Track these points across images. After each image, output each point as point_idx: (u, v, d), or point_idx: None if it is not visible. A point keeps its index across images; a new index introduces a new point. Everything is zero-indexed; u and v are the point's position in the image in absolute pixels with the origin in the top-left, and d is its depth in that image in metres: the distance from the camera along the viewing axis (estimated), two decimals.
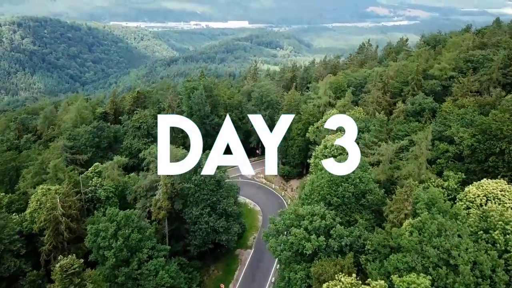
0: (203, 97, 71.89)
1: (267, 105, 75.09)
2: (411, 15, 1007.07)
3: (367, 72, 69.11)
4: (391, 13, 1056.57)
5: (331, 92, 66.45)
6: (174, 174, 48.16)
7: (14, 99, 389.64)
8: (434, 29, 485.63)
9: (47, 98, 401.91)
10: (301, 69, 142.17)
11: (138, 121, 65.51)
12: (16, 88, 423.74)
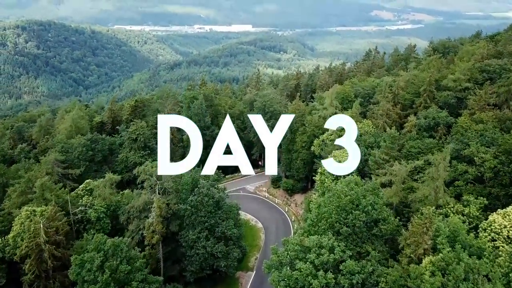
0: (203, 107, 68.74)
1: (270, 115, 71.72)
2: (415, 19, 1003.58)
3: (375, 82, 65.64)
4: (395, 17, 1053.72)
5: (337, 103, 62.98)
6: (170, 194, 45.04)
7: (17, 103, 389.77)
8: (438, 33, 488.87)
9: (50, 102, 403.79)
10: (306, 75, 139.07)
11: (135, 133, 62.36)
12: (20, 91, 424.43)
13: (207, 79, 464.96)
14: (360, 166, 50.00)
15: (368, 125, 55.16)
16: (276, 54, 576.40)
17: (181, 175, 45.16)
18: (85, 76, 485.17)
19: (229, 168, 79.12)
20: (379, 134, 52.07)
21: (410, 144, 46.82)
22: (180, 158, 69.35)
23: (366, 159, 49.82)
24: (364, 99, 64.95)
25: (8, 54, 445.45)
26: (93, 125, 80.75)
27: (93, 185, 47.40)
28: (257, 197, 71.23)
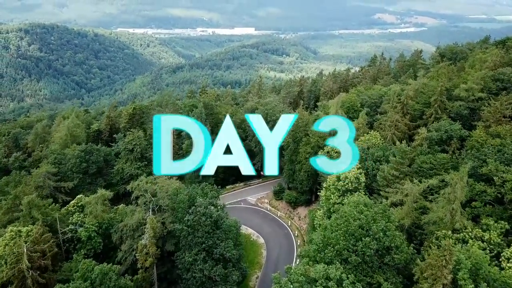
0: (203, 116, 66.05)
1: (273, 124, 68.65)
2: (418, 22, 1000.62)
3: (383, 90, 62.80)
4: (398, 20, 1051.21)
5: (343, 113, 60.13)
6: (165, 211, 42.31)
7: (19, 106, 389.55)
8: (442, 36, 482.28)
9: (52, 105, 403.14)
10: (309, 80, 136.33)
11: (131, 143, 59.75)
12: (22, 94, 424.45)
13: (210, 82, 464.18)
14: (368, 181, 47.22)
15: (376, 137, 52.28)
16: (279, 57, 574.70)
17: (177, 192, 42.43)
18: (87, 79, 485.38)
19: (229, 178, 76.40)
20: (388, 147, 49.19)
21: (422, 159, 43.88)
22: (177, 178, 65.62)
23: (375, 174, 46.96)
24: (370, 109, 62.11)
25: (11, 57, 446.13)
26: (89, 133, 78.21)
27: (84, 201, 44.72)
28: (259, 210, 68.34)
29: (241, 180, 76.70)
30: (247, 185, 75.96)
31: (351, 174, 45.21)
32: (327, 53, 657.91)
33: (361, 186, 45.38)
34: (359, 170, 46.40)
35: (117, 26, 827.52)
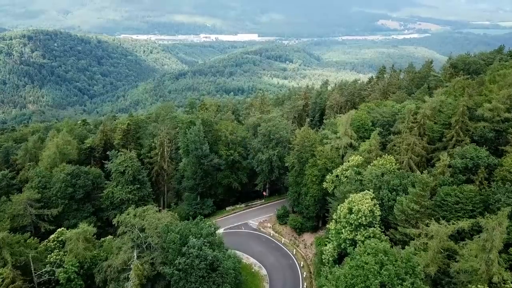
0: (201, 135, 61.29)
1: (276, 142, 64.10)
2: (421, 28, 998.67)
3: (396, 108, 57.82)
4: (401, 26, 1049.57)
5: (353, 132, 55.21)
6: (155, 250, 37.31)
7: (21, 113, 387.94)
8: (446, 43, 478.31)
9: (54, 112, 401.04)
10: (313, 91, 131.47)
11: (122, 164, 54.95)
12: (24, 101, 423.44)
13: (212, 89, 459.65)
14: (384, 213, 42.12)
15: (391, 162, 47.17)
16: (282, 63, 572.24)
17: (167, 229, 37.45)
18: (90, 86, 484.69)
19: (230, 198, 71.42)
20: (405, 175, 44.04)
21: (445, 191, 38.71)
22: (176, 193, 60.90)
23: (391, 205, 41.83)
24: (383, 128, 57.05)
25: (14, 64, 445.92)
26: (81, 151, 73.58)
27: (65, 236, 39.80)
28: (261, 235, 63.07)
29: (242, 201, 71.75)
30: (249, 206, 70.86)
31: (364, 207, 40.12)
32: (330, 60, 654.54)
33: (376, 221, 40.26)
34: (374, 201, 41.34)
35: (121, 33, 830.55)
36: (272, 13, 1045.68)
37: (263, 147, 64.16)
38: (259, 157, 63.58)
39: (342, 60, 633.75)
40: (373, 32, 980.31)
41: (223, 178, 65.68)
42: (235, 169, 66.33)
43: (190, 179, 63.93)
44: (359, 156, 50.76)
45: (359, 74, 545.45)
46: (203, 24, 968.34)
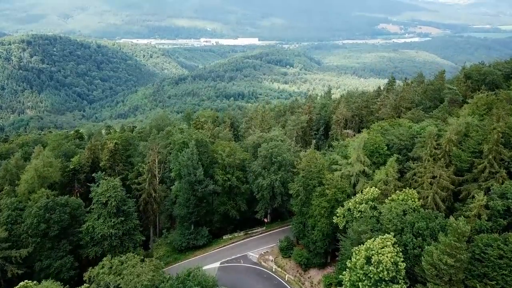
0: (194, 158, 54.71)
1: (278, 165, 57.44)
2: (422, 32, 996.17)
3: (414, 129, 51.20)
4: (401, 30, 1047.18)
5: (366, 158, 48.56)
6: None
7: (19, 119, 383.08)
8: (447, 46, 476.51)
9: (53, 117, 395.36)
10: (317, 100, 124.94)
11: (104, 194, 48.30)
12: (23, 106, 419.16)
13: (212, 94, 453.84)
14: (408, 264, 35.40)
15: (413, 197, 40.47)
16: (282, 68, 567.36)
17: None
18: (89, 91, 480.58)
19: (227, 226, 64.71)
20: (432, 215, 37.32)
21: (484, 241, 32.04)
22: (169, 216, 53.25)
23: (417, 254, 35.18)
24: (400, 152, 50.41)
25: (12, 69, 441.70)
26: (65, 172, 67.00)
27: None
28: (262, 271, 56.22)
29: (241, 228, 64.98)
30: (248, 235, 64.04)
31: (386, 258, 33.40)
32: (331, 64, 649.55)
33: (400, 275, 33.54)
34: (396, 248, 34.65)
35: (121, 37, 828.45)
36: (273, 17, 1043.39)
37: (264, 171, 57.49)
38: (259, 182, 56.92)
39: (343, 64, 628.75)
40: (373, 36, 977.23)
41: (220, 205, 59.01)
42: (233, 194, 59.67)
43: (183, 207, 57.26)
44: (375, 188, 44.11)
45: (360, 79, 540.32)
46: (203, 28, 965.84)
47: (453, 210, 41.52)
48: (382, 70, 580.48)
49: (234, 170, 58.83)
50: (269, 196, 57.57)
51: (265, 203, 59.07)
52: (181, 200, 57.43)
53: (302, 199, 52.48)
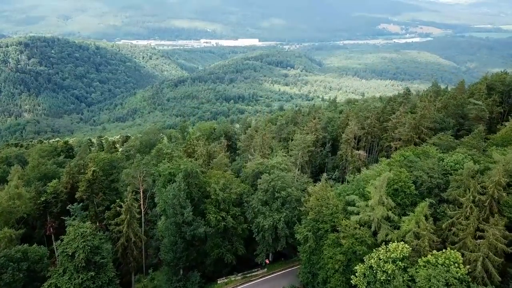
0: (182, 196, 45.83)
1: (282, 202, 48.50)
2: (423, 32, 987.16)
3: (446, 162, 42.17)
4: (403, 30, 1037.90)
5: (389, 200, 39.55)
6: None
7: (15, 122, 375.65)
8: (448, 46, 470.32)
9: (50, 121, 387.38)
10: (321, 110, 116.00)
11: (71, 245, 39.41)
12: (20, 109, 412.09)
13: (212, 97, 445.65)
14: None
15: (456, 261, 31.51)
16: (283, 69, 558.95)
17: None
18: (87, 93, 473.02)
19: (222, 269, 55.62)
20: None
21: None
22: (156, 255, 42.37)
23: None
24: (430, 191, 41.39)
25: (10, 71, 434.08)
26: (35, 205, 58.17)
27: None
28: None
29: (238, 270, 55.94)
30: (247, 278, 54.97)
31: None
32: (332, 65, 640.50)
33: None
34: None
35: (121, 38, 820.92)
36: (273, 18, 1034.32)
37: (264, 208, 48.53)
38: (259, 222, 47.98)
39: (344, 65, 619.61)
40: (374, 36, 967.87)
41: (212, 247, 50.09)
42: (228, 234, 50.72)
43: (169, 251, 48.38)
44: (404, 244, 35.14)
45: (362, 80, 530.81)
46: (203, 29, 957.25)
47: (506, 276, 32.59)
48: (384, 71, 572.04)
49: (229, 206, 49.88)
50: (271, 238, 48.63)
51: (266, 246, 50.11)
52: (167, 243, 48.54)
53: (311, 246, 43.54)
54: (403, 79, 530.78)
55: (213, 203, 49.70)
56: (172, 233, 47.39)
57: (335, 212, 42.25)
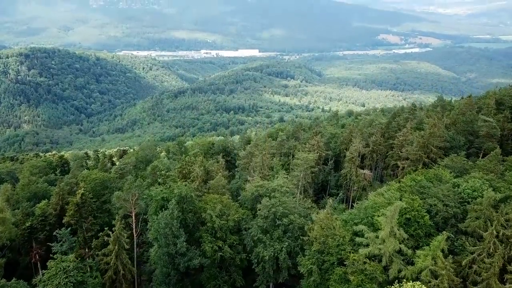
0: (175, 225, 42.19)
1: (284, 230, 44.79)
2: (422, 43, 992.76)
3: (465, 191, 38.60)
4: (402, 40, 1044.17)
5: (402, 232, 35.94)
6: None
7: (14, 134, 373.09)
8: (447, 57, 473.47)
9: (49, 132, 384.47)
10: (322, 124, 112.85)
11: (52, 281, 35.63)
12: (19, 121, 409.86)
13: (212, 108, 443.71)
14: None
15: None
16: (283, 80, 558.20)
17: None
18: (87, 104, 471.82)
19: None
20: None
21: None
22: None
23: None
24: (445, 221, 37.76)
25: (10, 83, 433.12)
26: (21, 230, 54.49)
27: None
28: None
29: None
30: None
31: None
32: (332, 75, 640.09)
33: None
34: None
35: (122, 49, 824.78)
36: (273, 29, 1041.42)
37: (265, 237, 44.80)
38: (259, 252, 44.18)
39: (344, 76, 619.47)
40: (374, 46, 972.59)
41: (208, 278, 46.20)
42: (225, 265, 46.89)
43: (161, 283, 44.56)
44: (420, 285, 31.39)
45: (362, 90, 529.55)
46: (203, 40, 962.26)
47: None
48: (384, 82, 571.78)
49: (226, 234, 46.15)
50: (272, 269, 44.79)
51: (266, 277, 46.21)
52: (159, 274, 44.76)
53: (315, 280, 39.72)
54: (403, 90, 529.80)
55: (209, 231, 45.99)
56: (164, 264, 43.64)
57: (342, 244, 38.57)
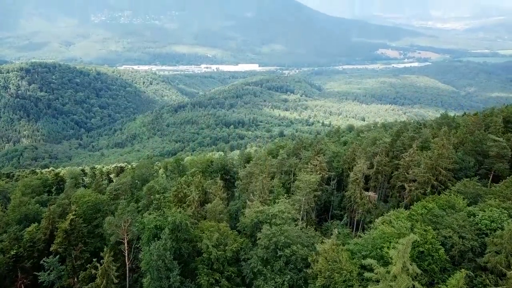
0: (168, 256, 39.01)
1: (286, 261, 41.54)
2: (421, 57, 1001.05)
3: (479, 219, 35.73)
4: (401, 55, 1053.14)
5: (415, 267, 32.84)
6: None
7: (13, 149, 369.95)
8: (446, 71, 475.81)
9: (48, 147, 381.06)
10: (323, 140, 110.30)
11: None
12: (19, 135, 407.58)
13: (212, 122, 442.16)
14: None
15: None
16: (283, 94, 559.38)
17: None
18: (87, 118, 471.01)
19: None
20: None
21: None
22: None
23: None
24: (462, 255, 34.63)
25: (10, 97, 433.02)
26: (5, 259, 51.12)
27: None
28: None
29: None
30: None
31: None
32: (332, 90, 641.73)
33: None
34: None
35: (122, 63, 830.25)
36: (273, 44, 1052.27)
37: (265, 269, 41.51)
38: (259, 285, 40.84)
39: (344, 90, 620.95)
40: (373, 61, 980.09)
41: None
42: None
43: None
44: None
45: (362, 105, 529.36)
46: (204, 54, 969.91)
47: None
48: (383, 96, 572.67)
49: (224, 265, 42.85)
50: None
51: None
52: None
53: None
54: (403, 104, 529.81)
55: (205, 262, 42.73)
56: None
57: (350, 280, 35.38)
